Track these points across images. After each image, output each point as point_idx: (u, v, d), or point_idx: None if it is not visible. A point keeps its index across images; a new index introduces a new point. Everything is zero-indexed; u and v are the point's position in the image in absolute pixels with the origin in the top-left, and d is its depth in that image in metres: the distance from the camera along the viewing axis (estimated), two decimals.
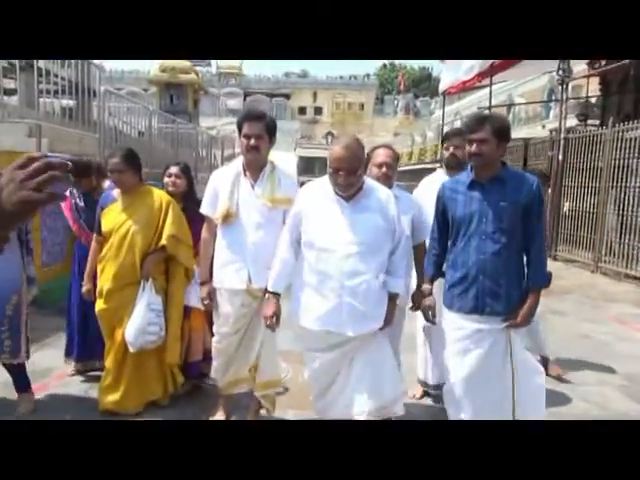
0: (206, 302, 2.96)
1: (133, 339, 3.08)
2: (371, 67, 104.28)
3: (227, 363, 2.96)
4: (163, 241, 3.16)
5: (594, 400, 3.57)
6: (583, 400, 3.50)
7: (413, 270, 2.95)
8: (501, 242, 2.43)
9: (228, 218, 2.78)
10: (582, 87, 13.65)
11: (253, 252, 2.76)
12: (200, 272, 3.02)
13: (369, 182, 2.49)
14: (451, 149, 3.24)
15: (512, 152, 11.28)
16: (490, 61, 11.94)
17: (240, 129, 2.78)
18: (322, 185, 2.48)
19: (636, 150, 8.06)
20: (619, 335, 5.21)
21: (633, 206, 8.28)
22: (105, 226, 3.22)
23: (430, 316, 2.69)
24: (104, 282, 3.20)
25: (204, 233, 2.98)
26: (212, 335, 3.13)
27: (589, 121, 12.24)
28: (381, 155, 2.95)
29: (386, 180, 2.83)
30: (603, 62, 10.95)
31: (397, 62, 60.09)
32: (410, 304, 2.92)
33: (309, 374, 2.61)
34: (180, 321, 3.34)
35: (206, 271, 2.94)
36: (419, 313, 2.85)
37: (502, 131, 2.44)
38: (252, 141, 2.72)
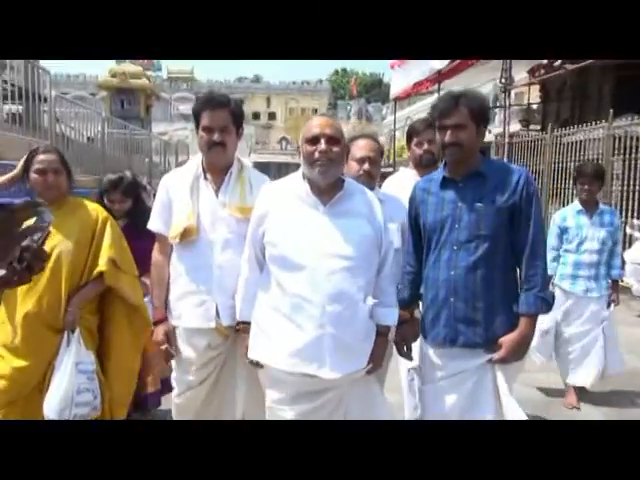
0: (164, 347, 2.23)
1: (57, 414, 2.17)
2: (323, 72, 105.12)
3: None
4: (101, 267, 2.30)
5: (537, 385, 3.87)
6: (527, 386, 3.74)
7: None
8: (477, 254, 1.93)
9: (187, 236, 2.15)
10: (524, 94, 14.34)
11: (220, 278, 2.14)
12: (153, 306, 2.33)
13: (351, 181, 2.01)
14: (425, 145, 2.63)
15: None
16: (437, 68, 12.41)
17: (198, 120, 2.18)
18: (291, 184, 1.97)
19: (573, 154, 8.58)
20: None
21: None
22: None
23: (404, 350, 2.14)
24: (9, 328, 2.23)
25: (156, 255, 2.30)
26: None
27: (531, 126, 12.90)
28: (362, 148, 2.35)
29: (368, 179, 2.29)
30: (542, 71, 11.59)
31: (349, 68, 60.92)
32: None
33: None
34: (131, 382, 2.50)
35: (161, 304, 2.26)
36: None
37: (481, 112, 1.97)
38: (216, 136, 2.12)
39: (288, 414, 1.90)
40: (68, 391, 2.19)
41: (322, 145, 1.85)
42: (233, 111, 2.19)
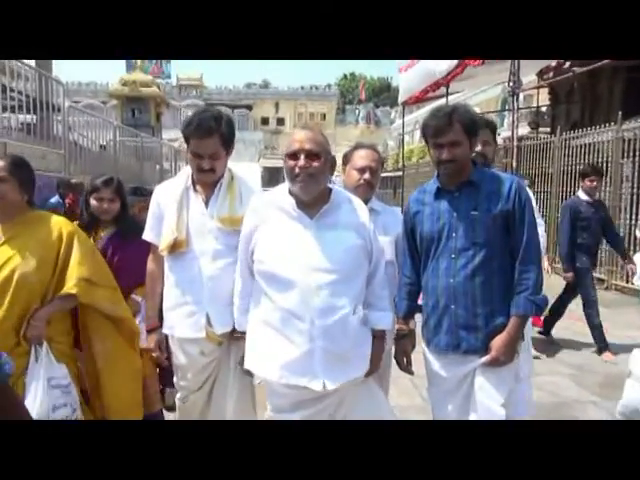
0: (155, 354, 2.35)
1: None
2: (332, 77, 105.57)
3: None
4: (70, 288, 2.18)
5: (547, 389, 3.85)
6: (537, 389, 3.74)
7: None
8: (475, 261, 1.97)
9: (177, 248, 2.18)
10: (533, 97, 14.30)
11: (211, 289, 2.17)
12: (146, 315, 2.39)
13: (338, 191, 2.02)
14: (479, 147, 2.43)
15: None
16: (445, 72, 12.40)
17: (187, 141, 2.19)
18: (278, 198, 1.97)
19: (582, 157, 8.55)
20: (563, 327, 5.57)
21: None
22: None
23: (404, 364, 2.20)
24: None
25: (150, 265, 2.35)
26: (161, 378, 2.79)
27: (540, 129, 12.85)
28: (363, 158, 2.36)
29: (368, 190, 2.33)
30: (551, 74, 11.57)
31: (357, 72, 61.10)
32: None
33: None
34: (137, 382, 2.50)
35: (154, 314, 2.33)
36: None
37: (472, 126, 2.02)
38: (205, 163, 2.15)
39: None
40: (43, 409, 2.09)
41: (301, 161, 1.86)
42: (222, 135, 2.16)
